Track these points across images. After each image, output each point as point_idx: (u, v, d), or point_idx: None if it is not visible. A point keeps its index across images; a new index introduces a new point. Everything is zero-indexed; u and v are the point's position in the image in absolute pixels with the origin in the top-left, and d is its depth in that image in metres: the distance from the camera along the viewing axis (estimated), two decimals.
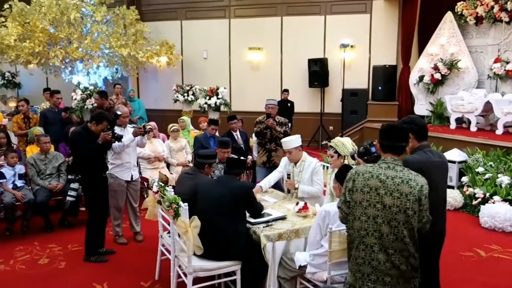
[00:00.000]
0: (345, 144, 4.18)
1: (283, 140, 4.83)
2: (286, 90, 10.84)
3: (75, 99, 8.93)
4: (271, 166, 5.69)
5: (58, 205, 5.90)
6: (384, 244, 2.50)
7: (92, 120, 4.58)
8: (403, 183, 2.50)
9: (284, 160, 4.93)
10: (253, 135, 7.96)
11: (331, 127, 11.39)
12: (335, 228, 3.17)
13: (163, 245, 4.33)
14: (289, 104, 10.44)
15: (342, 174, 3.45)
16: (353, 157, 3.55)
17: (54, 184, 5.66)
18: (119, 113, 4.85)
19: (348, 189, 2.63)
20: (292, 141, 4.71)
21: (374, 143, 3.45)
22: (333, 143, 4.24)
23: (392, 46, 10.84)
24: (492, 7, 9.06)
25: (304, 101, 11.43)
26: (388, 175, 2.54)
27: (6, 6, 9.78)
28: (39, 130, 6.41)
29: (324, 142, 11.12)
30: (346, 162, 4.10)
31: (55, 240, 5.30)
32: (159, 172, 6.50)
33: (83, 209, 5.71)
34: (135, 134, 4.97)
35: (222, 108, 9.62)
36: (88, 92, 8.57)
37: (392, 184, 2.50)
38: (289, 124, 5.98)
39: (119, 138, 4.66)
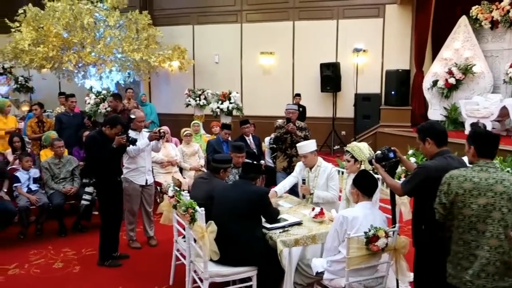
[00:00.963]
0: (361, 149, 4.16)
1: (298, 144, 4.84)
2: (298, 95, 10.83)
3: (89, 103, 9.02)
4: (292, 171, 5.69)
5: (72, 209, 5.94)
6: (480, 241, 2.64)
7: (106, 124, 4.61)
8: (497, 183, 2.62)
9: (299, 165, 4.92)
10: (266, 140, 8.02)
11: (343, 132, 11.35)
12: (353, 234, 3.15)
13: (177, 250, 4.33)
14: (301, 109, 10.43)
15: (360, 180, 3.44)
16: (370, 162, 3.53)
17: (68, 188, 5.70)
18: (133, 116, 4.88)
19: (443, 192, 2.75)
20: (307, 146, 4.72)
21: (392, 148, 3.42)
22: (349, 148, 4.23)
23: (405, 51, 10.79)
24: (508, 11, 8.98)
25: (316, 105, 11.40)
26: (481, 177, 2.66)
27: (20, 11, 9.92)
28: (54, 134, 6.47)
29: (336, 147, 11.09)
30: (363, 167, 4.08)
31: (69, 244, 5.33)
32: (172, 176, 6.52)
33: (97, 213, 5.74)
34: (150, 139, 4.99)
35: (234, 112, 9.63)
36: (102, 96, 8.64)
37: (485, 185, 2.63)
38: (308, 129, 6.00)
39: (133, 141, 4.68)
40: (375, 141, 9.94)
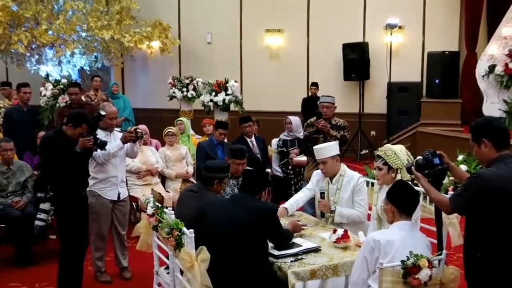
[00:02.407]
0: (397, 153, 4.16)
1: (316, 147, 4.86)
2: (315, 84, 10.84)
3: (45, 95, 9.02)
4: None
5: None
6: None
7: (68, 122, 4.62)
8: None
9: (316, 175, 4.92)
10: (273, 142, 8.03)
11: (373, 132, 11.34)
12: (387, 263, 3.13)
13: (159, 285, 4.33)
14: (318, 102, 10.44)
15: (396, 193, 3.43)
16: (409, 171, 3.52)
17: (16, 200, 5.71)
18: (103, 113, 4.88)
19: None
20: (327, 148, 4.72)
21: (438, 152, 3.41)
22: (381, 152, 4.23)
23: (453, 27, 10.80)
24: None
25: (338, 98, 11.16)
26: None
27: None
28: None
29: (364, 152, 11.09)
30: (399, 177, 4.07)
31: (18, 278, 5.32)
32: (152, 189, 6.49)
33: (54, 237, 5.74)
34: (124, 141, 4.99)
35: (232, 107, 9.66)
36: (61, 86, 8.66)
37: None
38: (348, 128, 6.10)
39: (102, 145, 4.68)
40: (415, 144, 9.93)
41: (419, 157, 3.48)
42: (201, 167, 4.79)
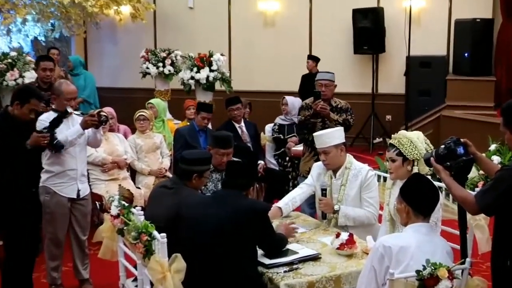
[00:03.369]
0: (414, 141, 4.15)
1: (315, 134, 4.85)
2: (313, 58, 10.78)
3: None
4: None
5: None
6: None
7: (14, 100, 4.59)
8: None
9: (316, 167, 4.91)
10: (266, 128, 8.01)
11: (388, 117, 11.34)
12: (400, 273, 3.13)
13: None
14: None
15: (411, 190, 3.41)
16: (427, 162, 3.50)
17: None
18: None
19: None
20: (330, 136, 4.71)
21: (463, 140, 3.40)
22: (395, 140, 4.22)
23: None
24: None
25: (347, 75, 11.37)
26: None
27: None
28: None
29: (378, 140, 11.08)
30: (416, 169, 4.07)
31: None
32: (119, 185, 6.50)
33: (1, 243, 5.72)
34: (85, 126, 4.97)
35: (218, 86, 9.61)
36: (10, 60, 8.56)
37: None
38: (352, 111, 6.06)
39: (59, 147, 4.70)
40: (438, 130, 9.95)
41: (440, 147, 3.48)
42: (178, 158, 4.79)
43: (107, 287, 5.16)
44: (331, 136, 4.71)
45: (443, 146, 3.47)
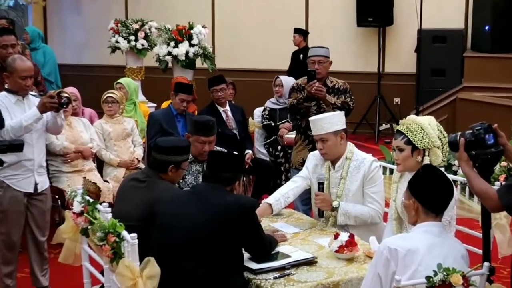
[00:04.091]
0: (425, 128, 4.15)
1: (312, 118, 4.85)
2: (300, 31, 10.72)
3: None
4: None
5: None
6: None
7: None
8: None
9: (313, 158, 4.92)
10: (255, 112, 8.01)
11: (396, 100, 11.37)
12: (407, 279, 3.14)
13: None
14: (301, 56, 10.39)
15: (421, 184, 3.41)
16: (452, 145, 3.47)
17: None
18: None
19: None
20: (329, 120, 4.71)
21: (494, 126, 3.38)
22: (403, 127, 4.23)
23: None
24: None
25: (348, 51, 11.41)
26: None
27: None
28: None
29: (384, 127, 11.10)
30: (427, 160, 4.07)
31: None
32: (84, 178, 6.49)
33: None
34: (42, 109, 4.94)
35: (199, 63, 9.59)
36: None
37: None
38: (351, 93, 6.05)
39: (13, 147, 4.66)
40: (454, 115, 10.00)
41: (468, 132, 3.44)
42: (152, 146, 4.77)
43: None
44: (329, 121, 4.70)
45: (470, 132, 3.43)
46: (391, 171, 4.88)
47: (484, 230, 3.57)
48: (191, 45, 9.33)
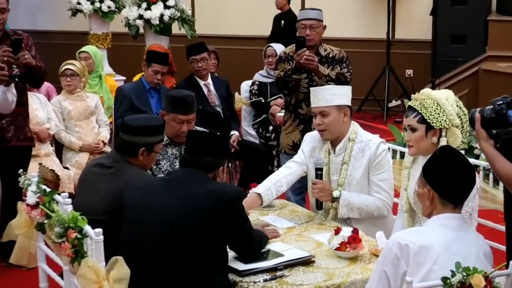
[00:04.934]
0: (442, 104, 4.16)
1: (313, 88, 4.87)
2: None
3: None
4: None
5: None
6: None
7: None
8: None
9: (309, 139, 4.94)
10: (243, 86, 7.99)
11: (409, 71, 11.40)
12: (420, 281, 3.15)
13: None
14: (282, 22, 10.37)
15: (438, 169, 3.42)
16: (472, 122, 3.49)
17: None
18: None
19: None
20: (334, 92, 4.72)
21: None
22: (416, 103, 4.23)
23: None
24: None
25: (352, 15, 11.44)
26: None
27: None
28: None
29: (394, 103, 11.11)
30: (443, 142, 4.08)
31: None
32: (40, 165, 6.48)
33: None
34: None
35: (176, 28, 9.58)
36: None
37: None
38: (349, 62, 6.06)
39: None
40: (476, 89, 10.05)
41: (487, 107, 3.47)
42: (119, 126, 4.76)
43: None
44: (334, 93, 4.71)
45: (491, 107, 3.46)
46: (402, 154, 4.88)
47: (508, 223, 3.59)
48: (166, 7, 9.33)
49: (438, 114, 4.13)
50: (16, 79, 5.12)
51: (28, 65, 5.24)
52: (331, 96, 4.70)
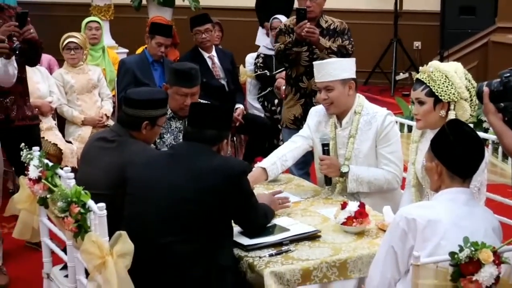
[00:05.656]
0: (450, 77, 4.15)
1: (316, 62, 4.84)
2: None
3: None
4: None
5: None
6: None
7: None
8: None
9: (314, 113, 4.95)
10: (247, 59, 7.97)
11: (417, 43, 11.37)
12: (427, 256, 3.15)
13: None
14: None
15: (446, 143, 3.41)
16: (480, 97, 3.48)
17: None
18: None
19: None
20: (337, 66, 4.71)
21: None
22: (424, 75, 4.22)
23: None
24: None
25: None
26: None
27: None
28: None
29: (402, 76, 11.08)
30: (452, 115, 4.08)
31: None
32: (43, 138, 6.48)
33: None
34: None
35: (180, 0, 9.54)
36: None
37: None
38: (350, 34, 6.03)
39: None
40: (485, 61, 10.01)
41: (495, 81, 3.46)
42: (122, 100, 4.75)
43: (27, 277, 5.19)
44: (338, 67, 4.70)
45: (498, 80, 3.44)
46: (410, 128, 4.87)
47: None
48: None
49: (447, 87, 4.12)
50: (17, 52, 5.11)
51: (33, 39, 5.22)
52: (335, 70, 4.69)
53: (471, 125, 3.73)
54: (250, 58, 7.90)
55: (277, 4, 5.82)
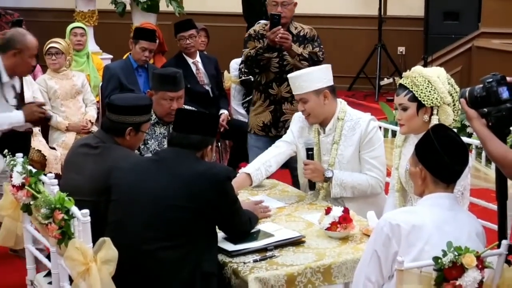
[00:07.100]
0: (433, 82, 4.17)
1: (291, 75, 4.85)
2: None
3: None
4: (279, 134, 5.73)
5: None
6: None
7: None
8: None
9: (298, 119, 4.94)
10: (232, 64, 7.97)
11: (401, 49, 11.38)
12: (411, 261, 3.16)
13: None
14: None
15: (430, 149, 3.42)
16: (475, 98, 3.49)
17: None
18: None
19: None
20: (307, 77, 4.70)
21: (508, 79, 3.38)
22: (407, 80, 4.24)
23: None
24: None
25: None
26: None
27: None
28: None
29: (386, 81, 11.10)
30: (435, 120, 4.09)
31: None
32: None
33: None
34: (30, 117, 5.08)
35: (164, 6, 9.54)
36: None
37: None
38: (320, 41, 6.03)
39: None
40: (469, 66, 10.04)
41: (476, 87, 3.45)
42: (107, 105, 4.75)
43: (11, 284, 5.17)
44: (308, 79, 4.69)
45: (481, 86, 3.44)
46: (394, 133, 4.89)
47: (499, 202, 3.59)
48: None
49: (429, 92, 4.14)
50: (48, 121, 5.22)
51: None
52: (305, 82, 4.68)
53: (455, 130, 3.75)
54: (235, 63, 7.90)
55: (264, 9, 5.82)
